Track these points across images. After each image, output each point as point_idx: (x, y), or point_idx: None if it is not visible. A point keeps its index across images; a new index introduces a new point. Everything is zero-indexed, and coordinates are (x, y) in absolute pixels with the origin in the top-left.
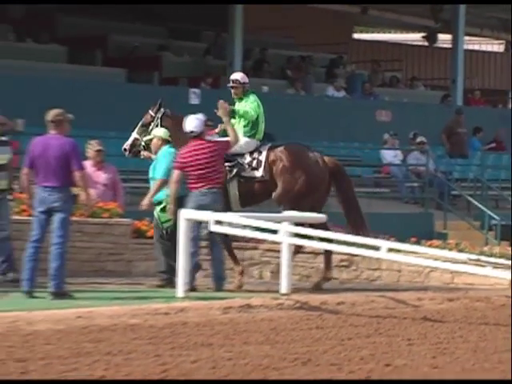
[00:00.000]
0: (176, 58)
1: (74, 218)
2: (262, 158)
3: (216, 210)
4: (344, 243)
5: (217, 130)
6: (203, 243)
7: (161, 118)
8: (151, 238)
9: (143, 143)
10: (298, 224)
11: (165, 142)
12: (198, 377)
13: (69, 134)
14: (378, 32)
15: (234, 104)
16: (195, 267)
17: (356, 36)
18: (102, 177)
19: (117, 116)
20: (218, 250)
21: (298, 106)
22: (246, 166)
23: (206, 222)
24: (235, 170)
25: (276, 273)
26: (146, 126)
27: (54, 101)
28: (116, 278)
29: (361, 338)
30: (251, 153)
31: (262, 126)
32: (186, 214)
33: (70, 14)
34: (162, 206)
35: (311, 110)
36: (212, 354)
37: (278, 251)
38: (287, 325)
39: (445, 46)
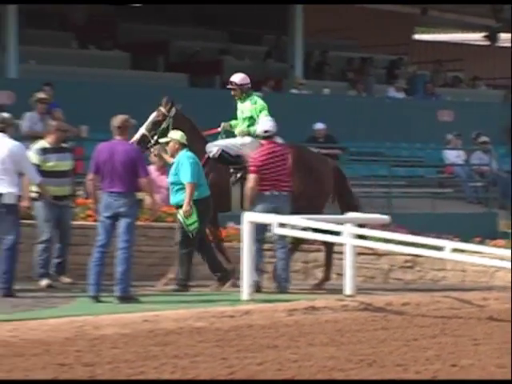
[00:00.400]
0: (237, 62)
1: (139, 223)
2: None
3: (287, 213)
4: (408, 244)
5: (219, 129)
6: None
7: (173, 117)
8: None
9: (153, 141)
10: (360, 225)
11: (182, 145)
12: (265, 378)
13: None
14: (439, 32)
15: (236, 104)
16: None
17: (417, 37)
18: (165, 181)
19: None
20: (282, 251)
21: (359, 108)
22: None
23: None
24: (241, 173)
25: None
26: (157, 124)
27: (117, 107)
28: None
29: (426, 339)
30: None
31: None
32: (250, 217)
33: (131, 21)
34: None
35: (372, 112)
36: (278, 356)
37: (342, 253)
38: (352, 326)
39: (506, 44)
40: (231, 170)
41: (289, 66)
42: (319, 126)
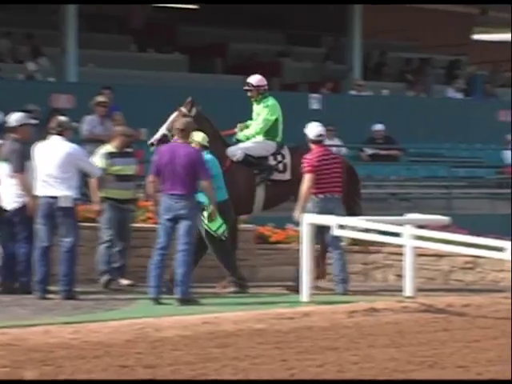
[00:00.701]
0: (296, 64)
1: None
2: (287, 160)
3: (339, 216)
4: (468, 245)
5: (236, 130)
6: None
7: (194, 117)
8: (275, 243)
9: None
10: (420, 226)
11: (203, 147)
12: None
13: None
14: (498, 32)
15: (251, 106)
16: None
17: (475, 37)
18: None
19: (237, 122)
20: (340, 253)
21: (419, 109)
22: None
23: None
24: (265, 174)
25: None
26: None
27: (176, 109)
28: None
29: (488, 340)
30: (274, 156)
31: (280, 128)
32: (309, 219)
33: (190, 23)
34: (209, 217)
35: (432, 112)
36: (338, 358)
37: (401, 254)
38: (413, 328)
39: None
40: (255, 172)
41: (347, 67)
42: (378, 127)
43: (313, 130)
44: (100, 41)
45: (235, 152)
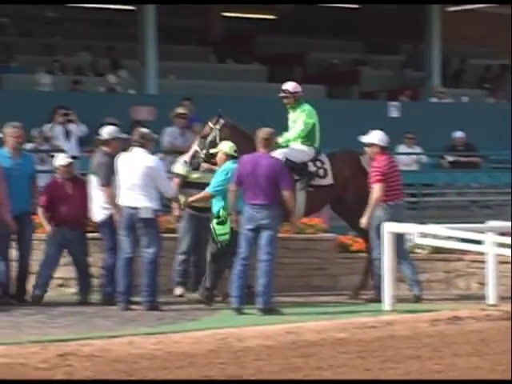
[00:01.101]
0: (374, 72)
1: (280, 235)
2: (327, 166)
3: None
4: None
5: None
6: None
7: (220, 129)
8: (356, 252)
9: (202, 155)
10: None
11: (229, 157)
12: None
13: None
14: None
15: (287, 113)
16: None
17: None
18: None
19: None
20: (408, 261)
21: (499, 116)
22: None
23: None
24: (306, 180)
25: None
26: (205, 137)
27: (256, 119)
28: (322, 293)
29: None
30: (313, 162)
31: (318, 135)
32: (390, 228)
33: (269, 33)
34: (219, 219)
35: None
36: (421, 367)
37: (484, 262)
38: (496, 336)
39: None
40: (296, 178)
41: (426, 74)
42: (459, 134)
43: (382, 137)
44: (180, 52)
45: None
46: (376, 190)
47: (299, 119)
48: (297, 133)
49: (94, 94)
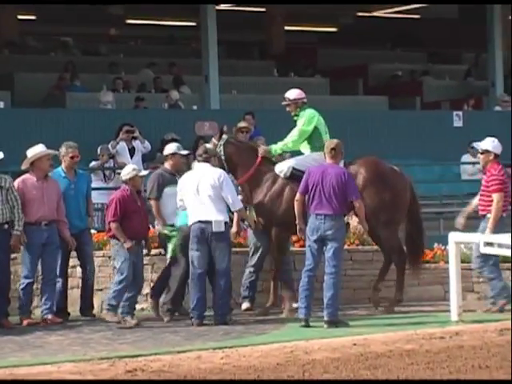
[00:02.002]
0: (437, 82)
1: (345, 247)
2: None
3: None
4: None
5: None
6: None
7: (223, 145)
8: (423, 262)
9: None
10: None
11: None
12: None
13: None
14: None
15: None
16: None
17: None
18: None
19: (380, 143)
20: (488, 270)
21: None
22: None
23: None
24: None
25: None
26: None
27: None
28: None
29: None
30: None
31: (326, 138)
32: (456, 237)
33: (330, 46)
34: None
35: None
36: (490, 377)
37: None
38: None
39: None
40: None
41: (489, 83)
42: None
43: (496, 144)
44: (241, 67)
45: (282, 168)
46: (498, 199)
47: (297, 125)
48: (290, 141)
49: (157, 110)
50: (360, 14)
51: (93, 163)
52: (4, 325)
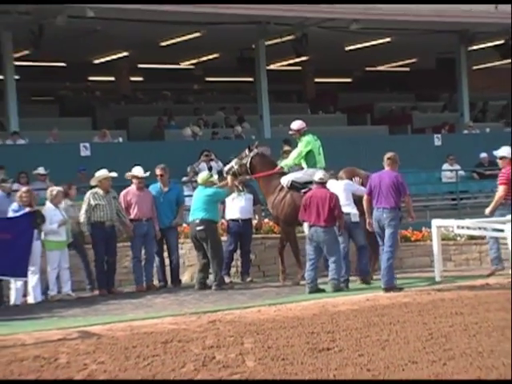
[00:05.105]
0: (422, 115)
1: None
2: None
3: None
4: None
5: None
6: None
7: (252, 157)
8: (415, 241)
9: (235, 169)
10: None
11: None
12: (454, 336)
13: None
14: None
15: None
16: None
17: None
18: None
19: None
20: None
21: None
22: None
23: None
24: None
25: None
26: (241, 159)
27: (340, 154)
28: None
29: None
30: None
31: (319, 157)
32: (437, 223)
33: (347, 91)
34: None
35: None
36: (463, 320)
37: (506, 244)
38: None
39: None
40: (302, 192)
41: (459, 114)
42: (484, 154)
43: (510, 151)
44: (285, 108)
45: (284, 180)
46: (500, 190)
47: (297, 148)
48: (292, 159)
49: (227, 140)
50: (368, 68)
51: (184, 178)
52: (113, 292)
